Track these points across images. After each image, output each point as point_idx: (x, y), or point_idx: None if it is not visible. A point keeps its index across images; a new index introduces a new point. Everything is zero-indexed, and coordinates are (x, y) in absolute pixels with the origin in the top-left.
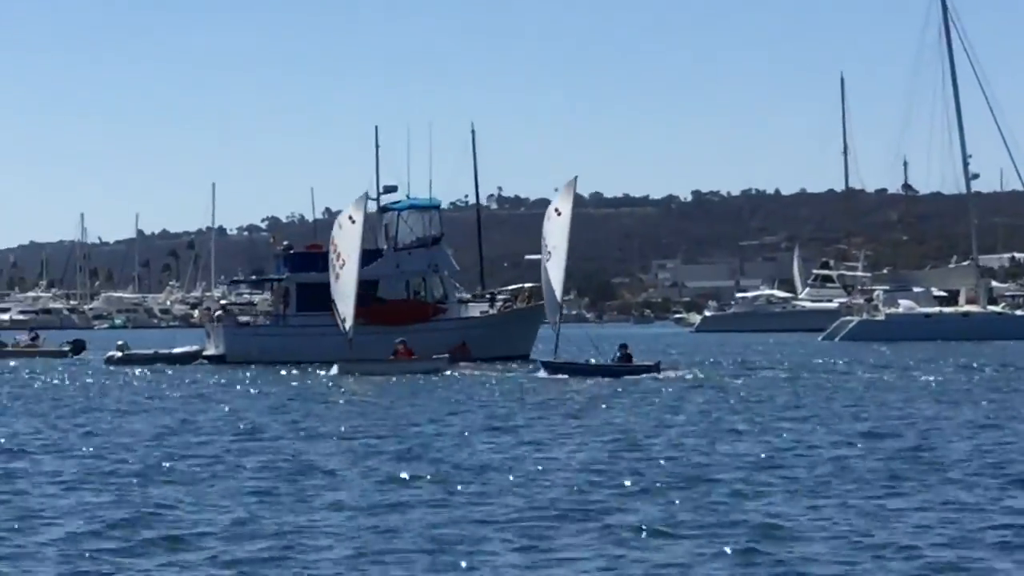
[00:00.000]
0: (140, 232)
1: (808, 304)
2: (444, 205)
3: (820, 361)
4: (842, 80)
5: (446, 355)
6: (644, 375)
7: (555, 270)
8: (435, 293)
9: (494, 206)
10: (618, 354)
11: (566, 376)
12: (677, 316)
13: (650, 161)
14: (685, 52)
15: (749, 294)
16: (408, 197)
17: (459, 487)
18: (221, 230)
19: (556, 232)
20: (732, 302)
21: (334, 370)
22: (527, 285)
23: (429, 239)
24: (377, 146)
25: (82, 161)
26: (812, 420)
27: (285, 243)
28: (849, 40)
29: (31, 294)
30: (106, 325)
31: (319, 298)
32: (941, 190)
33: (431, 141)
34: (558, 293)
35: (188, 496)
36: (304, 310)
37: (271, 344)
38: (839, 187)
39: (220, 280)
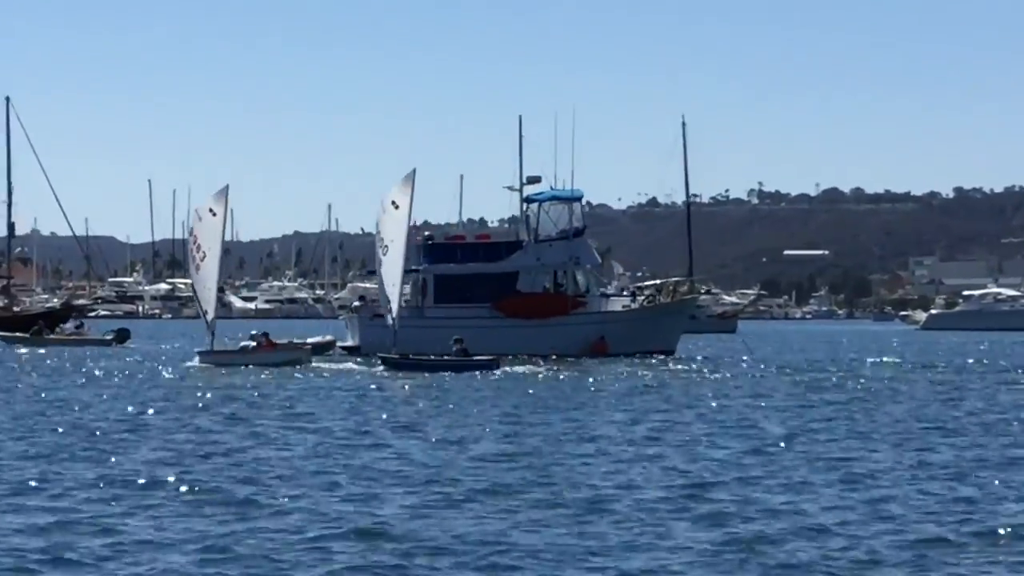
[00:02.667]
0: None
1: None
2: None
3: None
4: None
5: (309, 345)
6: (482, 371)
7: (392, 265)
8: (577, 286)
9: (755, 201)
10: (454, 348)
11: (401, 371)
12: (903, 314)
13: (912, 156)
14: (949, 47)
15: (976, 292)
16: (552, 188)
17: None
18: (483, 222)
19: (393, 226)
20: (959, 300)
21: (195, 361)
22: (673, 279)
23: (571, 231)
24: (521, 136)
25: (338, 154)
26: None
27: (426, 233)
28: None
29: (277, 283)
30: None
31: (457, 289)
32: None
33: (574, 130)
34: (396, 288)
35: None
36: (441, 302)
37: (407, 336)
38: None
39: None
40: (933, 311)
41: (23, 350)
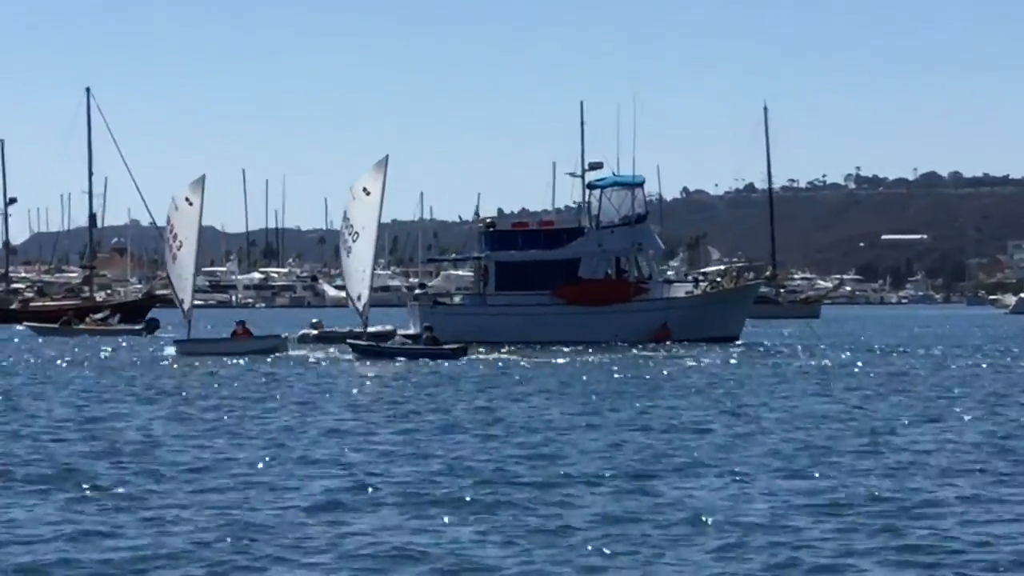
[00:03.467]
0: (500, 211)
1: None
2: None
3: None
4: None
5: (285, 334)
6: (450, 359)
7: (363, 252)
8: (640, 272)
9: (852, 185)
10: (424, 336)
11: (367, 358)
12: (992, 298)
13: (1011, 139)
14: None
15: None
16: (614, 174)
17: None
18: (580, 208)
19: (364, 213)
20: None
21: (171, 350)
22: (736, 264)
23: (633, 217)
24: (583, 123)
25: (429, 143)
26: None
27: (488, 220)
28: None
29: None
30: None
31: (518, 276)
32: None
33: (635, 116)
34: (366, 274)
35: None
36: (503, 289)
37: (469, 323)
38: None
39: None
40: (1023, 295)
41: (41, 340)
